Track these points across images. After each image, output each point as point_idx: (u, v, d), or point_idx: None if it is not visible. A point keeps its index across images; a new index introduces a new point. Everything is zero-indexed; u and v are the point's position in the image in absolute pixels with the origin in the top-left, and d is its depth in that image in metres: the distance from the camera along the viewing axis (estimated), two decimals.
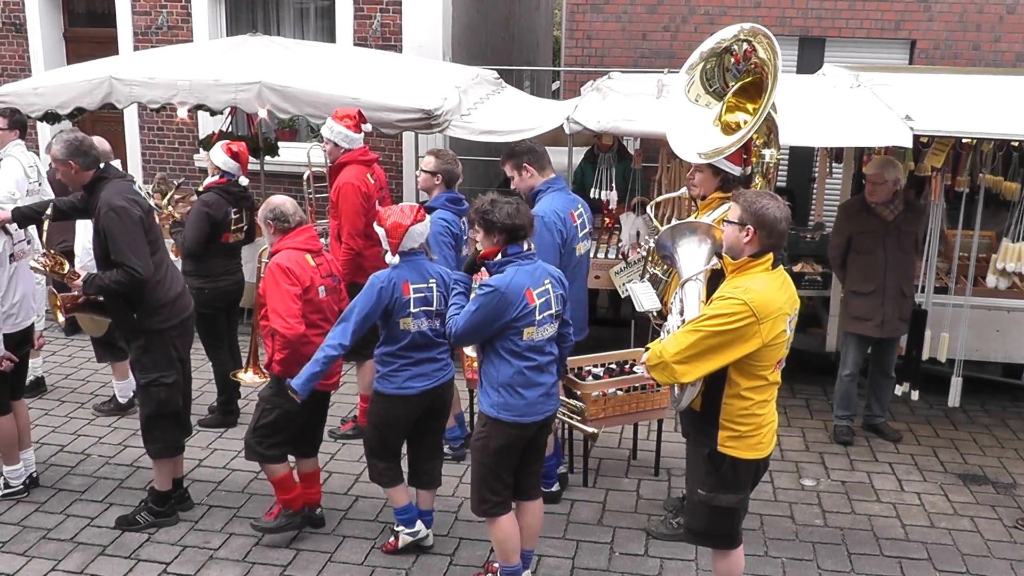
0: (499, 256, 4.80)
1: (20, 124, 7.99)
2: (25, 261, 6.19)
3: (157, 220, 5.95)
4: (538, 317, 4.74)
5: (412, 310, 5.18)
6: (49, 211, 6.12)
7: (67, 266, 5.97)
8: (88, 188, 5.75)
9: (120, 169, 6.00)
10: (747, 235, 4.32)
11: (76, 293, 6.04)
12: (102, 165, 5.78)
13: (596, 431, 5.48)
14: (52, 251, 6.24)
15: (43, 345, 7.02)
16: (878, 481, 6.72)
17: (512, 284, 4.67)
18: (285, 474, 5.71)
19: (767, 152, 5.68)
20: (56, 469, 6.80)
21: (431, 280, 5.26)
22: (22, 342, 6.28)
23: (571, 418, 5.95)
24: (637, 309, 5.53)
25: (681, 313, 4.62)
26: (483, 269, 4.89)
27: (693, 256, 4.74)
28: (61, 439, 7.30)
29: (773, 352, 4.35)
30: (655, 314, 5.35)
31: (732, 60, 5.67)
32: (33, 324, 6.37)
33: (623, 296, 8.19)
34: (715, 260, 4.64)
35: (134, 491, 6.47)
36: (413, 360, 5.28)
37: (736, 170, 5.61)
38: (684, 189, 5.88)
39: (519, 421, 4.84)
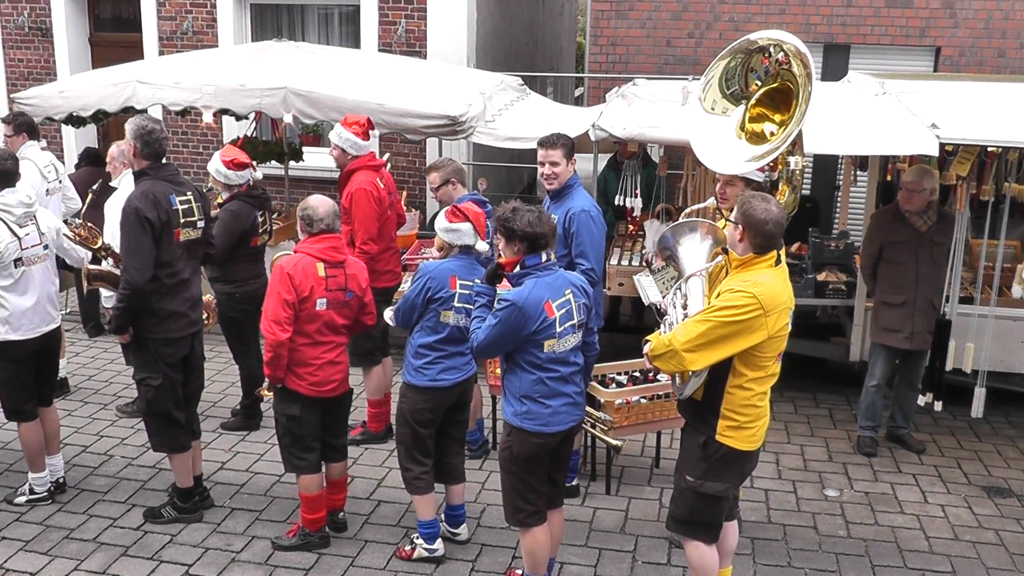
0: (518, 267, 4.80)
1: (26, 126, 8.05)
2: (40, 266, 6.13)
3: (185, 235, 5.91)
4: (559, 329, 4.73)
5: (456, 304, 5.30)
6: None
7: (100, 240, 5.98)
8: (136, 177, 5.85)
9: (176, 172, 5.99)
10: (739, 235, 4.52)
11: (102, 267, 6.15)
12: (163, 162, 5.85)
13: (620, 443, 5.45)
14: (88, 223, 6.25)
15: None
16: (902, 492, 6.67)
17: (530, 298, 4.65)
18: (317, 494, 5.74)
19: (792, 159, 5.66)
20: (79, 470, 6.84)
21: (476, 279, 5.34)
22: (44, 348, 6.28)
23: (594, 428, 5.94)
24: (644, 301, 5.56)
25: (684, 307, 4.74)
26: (504, 279, 4.90)
27: (695, 253, 4.89)
28: (84, 440, 7.34)
29: (776, 344, 4.53)
30: (659, 307, 5.37)
31: (762, 62, 5.63)
32: (55, 330, 6.34)
33: (646, 304, 8.17)
34: (720, 257, 4.78)
35: (157, 492, 6.50)
36: (447, 353, 5.41)
37: (760, 177, 5.60)
38: (712, 199, 5.85)
39: (542, 430, 4.83)
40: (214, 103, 8.56)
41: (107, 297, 6.13)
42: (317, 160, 11.44)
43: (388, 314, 5.71)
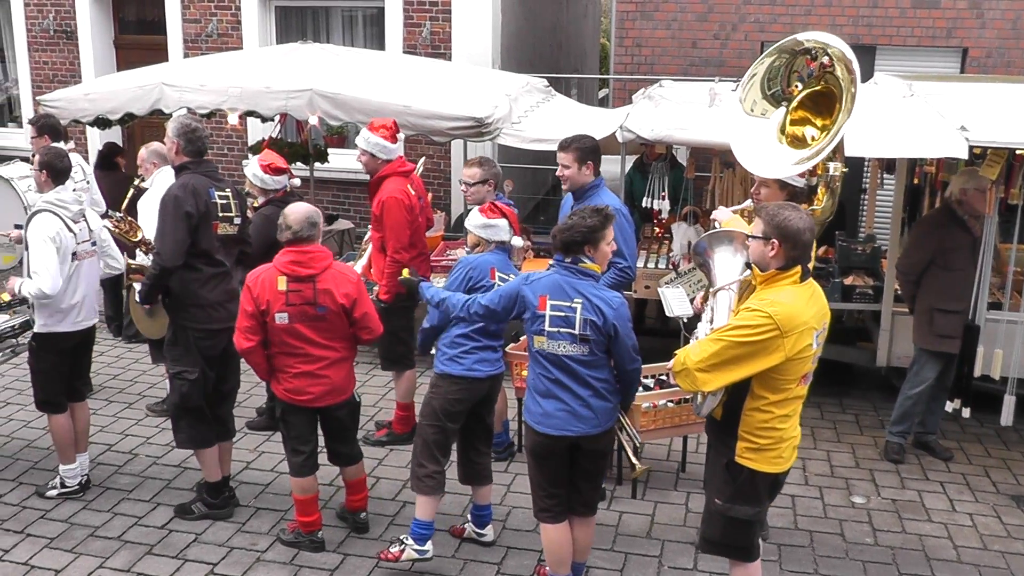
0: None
1: (50, 129, 8.09)
2: (90, 261, 6.26)
3: (223, 229, 5.98)
4: (548, 328, 4.70)
5: None
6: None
7: (140, 233, 6.02)
8: (176, 171, 5.95)
9: (216, 169, 6.09)
10: (772, 249, 4.31)
11: (140, 262, 6.25)
12: (204, 159, 5.93)
13: (641, 467, 5.36)
14: (128, 217, 6.30)
15: None
16: (929, 500, 6.60)
17: (532, 283, 4.79)
18: (308, 497, 5.71)
19: (832, 165, 5.63)
20: (104, 468, 6.87)
21: (510, 274, 5.44)
22: (83, 342, 6.40)
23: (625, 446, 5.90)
24: (667, 314, 5.52)
25: (711, 321, 4.62)
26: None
27: (727, 265, 4.74)
28: (109, 438, 7.37)
29: (798, 366, 4.32)
30: (684, 321, 5.32)
31: (805, 63, 5.59)
32: (95, 325, 6.46)
33: (669, 316, 8.14)
34: (747, 271, 4.62)
35: (181, 491, 6.52)
36: (482, 344, 5.46)
37: (799, 182, 5.56)
38: (749, 201, 5.82)
39: (534, 427, 4.86)
40: (240, 105, 8.60)
41: (138, 292, 6.17)
42: (342, 162, 11.47)
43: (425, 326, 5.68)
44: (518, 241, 5.53)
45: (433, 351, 5.74)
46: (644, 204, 9.02)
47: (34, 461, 6.97)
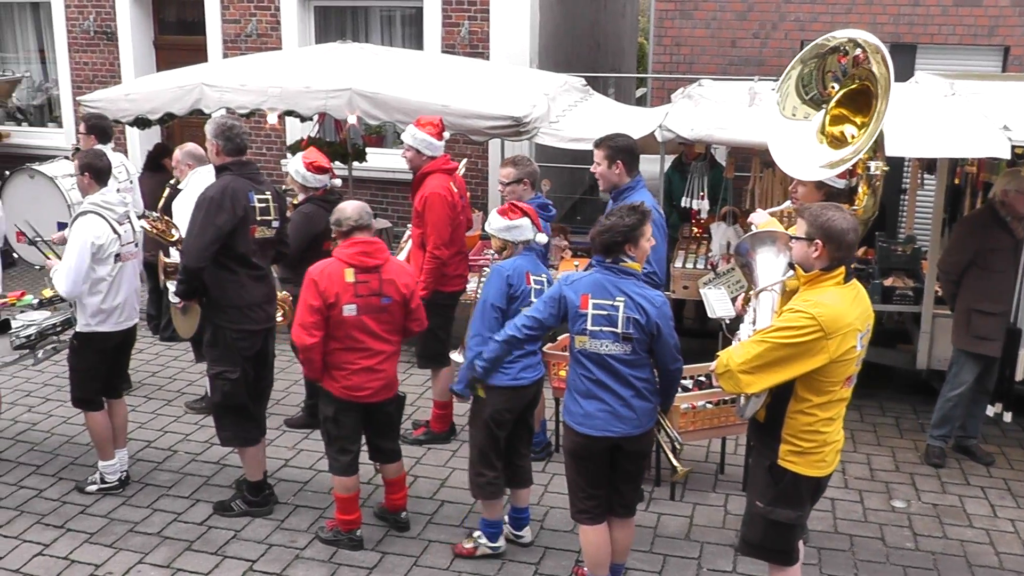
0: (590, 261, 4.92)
1: (97, 129, 8.17)
2: (132, 262, 6.32)
3: (260, 233, 5.99)
4: (590, 327, 4.70)
5: (531, 300, 5.30)
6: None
7: (177, 233, 6.06)
8: (216, 172, 5.96)
9: (257, 171, 6.11)
10: (816, 250, 4.26)
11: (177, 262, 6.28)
12: (244, 159, 5.94)
13: (680, 471, 5.34)
14: (164, 216, 6.35)
15: None
16: (970, 505, 6.52)
17: (572, 284, 4.78)
18: (351, 496, 5.75)
19: (873, 164, 5.57)
20: (143, 464, 6.93)
21: (543, 275, 5.46)
22: (124, 342, 6.47)
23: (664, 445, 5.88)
24: (709, 315, 5.47)
25: (753, 323, 4.57)
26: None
27: (770, 266, 4.70)
28: (148, 435, 7.43)
29: (842, 368, 4.27)
30: (726, 322, 5.28)
31: (840, 61, 5.54)
32: (136, 325, 6.52)
33: (711, 317, 8.10)
34: (791, 272, 4.58)
35: (221, 488, 6.56)
36: (525, 352, 5.41)
37: (840, 183, 5.51)
38: (788, 203, 5.77)
39: (574, 428, 4.85)
40: (280, 105, 8.65)
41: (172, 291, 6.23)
42: (380, 161, 11.51)
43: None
44: (542, 238, 5.51)
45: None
46: (683, 204, 8.97)
47: (74, 457, 7.05)
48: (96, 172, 6.15)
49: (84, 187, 6.21)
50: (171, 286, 6.53)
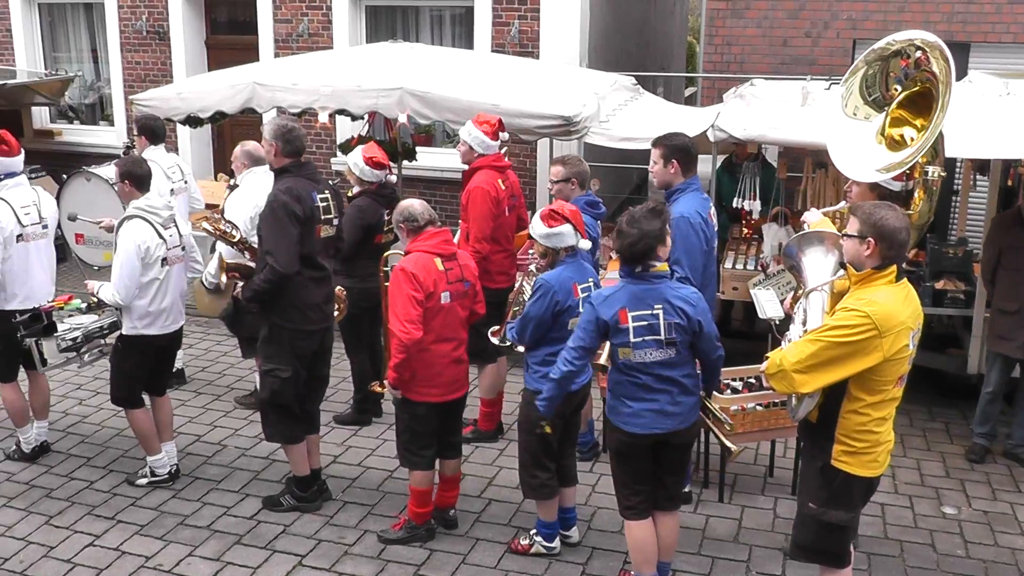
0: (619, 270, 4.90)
1: (147, 130, 8.26)
2: (178, 266, 6.37)
3: (324, 232, 6.03)
4: (633, 339, 4.70)
5: (580, 310, 5.28)
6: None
7: (239, 233, 6.11)
8: (276, 174, 5.97)
9: (315, 171, 6.15)
10: (868, 248, 4.24)
11: (239, 260, 6.36)
12: (302, 160, 5.97)
13: (737, 448, 5.33)
14: (225, 217, 6.41)
15: None
16: (1022, 513, 6.41)
17: (605, 302, 4.75)
18: (427, 488, 5.81)
19: (931, 169, 5.50)
20: (193, 458, 7.01)
21: (590, 279, 5.42)
22: (169, 345, 6.56)
23: (713, 428, 5.85)
24: (759, 315, 5.44)
25: (804, 323, 4.55)
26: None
27: (819, 266, 4.68)
28: (198, 429, 7.52)
29: (895, 367, 4.26)
30: (776, 323, 5.25)
31: (902, 64, 5.48)
32: (182, 328, 6.59)
33: (762, 318, 8.03)
34: (841, 272, 4.57)
35: (270, 483, 6.62)
36: None
37: (896, 186, 5.44)
38: (842, 203, 5.71)
39: (622, 427, 4.87)
40: (331, 104, 8.69)
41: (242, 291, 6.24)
42: (430, 160, 11.54)
43: (508, 335, 5.67)
44: (585, 244, 5.44)
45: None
46: (735, 205, 8.90)
47: (124, 450, 7.15)
48: (136, 179, 6.21)
49: (125, 194, 6.28)
50: (211, 270, 6.56)
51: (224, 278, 6.22)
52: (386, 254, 6.75)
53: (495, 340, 5.94)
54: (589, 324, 4.80)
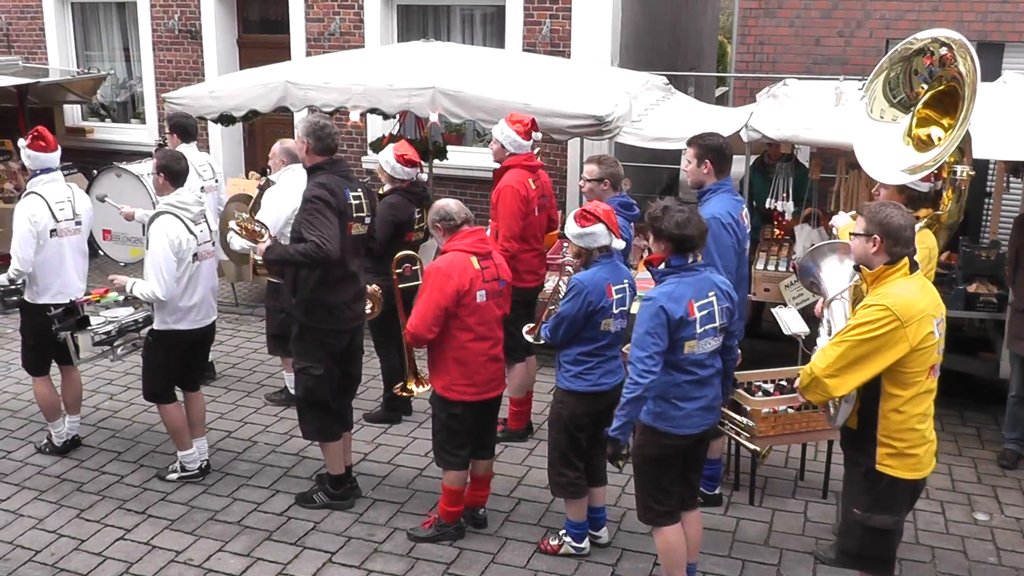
0: (662, 265, 4.80)
1: (178, 128, 8.30)
2: (208, 261, 6.42)
3: (356, 230, 6.02)
4: (699, 330, 4.69)
5: (614, 311, 5.31)
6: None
7: (267, 235, 6.16)
8: (309, 172, 5.98)
9: (348, 168, 6.16)
10: (874, 245, 4.32)
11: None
12: (334, 157, 5.98)
13: (763, 450, 5.34)
14: (256, 219, 6.43)
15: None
16: None
17: (671, 298, 4.66)
18: (460, 488, 5.82)
19: (959, 168, 5.45)
20: (223, 454, 7.04)
21: (625, 280, 5.39)
22: (201, 340, 6.59)
23: (738, 435, 5.83)
24: (784, 332, 5.42)
25: (829, 333, 4.60)
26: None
27: (836, 274, 4.79)
28: (228, 425, 7.56)
29: (924, 356, 4.29)
30: (803, 338, 5.24)
31: (925, 62, 5.43)
32: (214, 322, 6.63)
33: (787, 334, 7.98)
34: (856, 276, 4.61)
35: (300, 479, 6.64)
36: (606, 358, 5.42)
37: (924, 187, 5.41)
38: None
39: (672, 432, 4.82)
40: (363, 103, 8.72)
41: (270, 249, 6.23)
42: (460, 159, 11.57)
43: (542, 333, 5.64)
44: (619, 244, 5.43)
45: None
46: (767, 205, 8.85)
47: (154, 445, 7.20)
48: (172, 174, 6.25)
49: (159, 187, 6.32)
50: (237, 241, 6.56)
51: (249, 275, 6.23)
52: (396, 256, 6.67)
53: (529, 338, 5.93)
54: (660, 327, 4.60)
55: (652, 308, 4.63)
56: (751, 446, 5.15)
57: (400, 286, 6.64)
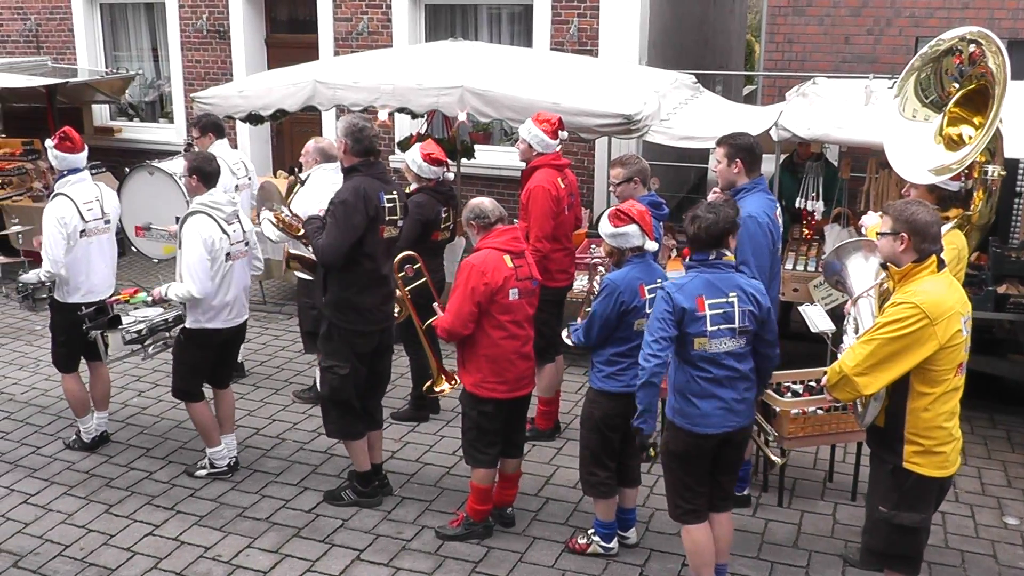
0: (688, 259, 4.86)
1: (212, 126, 8.33)
2: (241, 261, 6.43)
3: (388, 232, 6.02)
4: (710, 328, 4.67)
5: (647, 311, 5.26)
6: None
7: (302, 227, 6.16)
8: (345, 172, 6.00)
9: (385, 171, 6.16)
10: (902, 243, 4.32)
11: (302, 252, 6.47)
12: (371, 159, 5.97)
13: (779, 461, 5.27)
14: (292, 211, 6.46)
15: None
16: None
17: (682, 290, 4.70)
18: (488, 486, 5.83)
19: (991, 168, 5.40)
20: (251, 451, 7.07)
21: (658, 280, 5.36)
22: (232, 339, 6.62)
23: (756, 438, 5.80)
24: (811, 330, 5.40)
25: (856, 331, 4.59)
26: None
27: (862, 272, 4.78)
28: (257, 422, 7.59)
29: (952, 354, 4.28)
30: (830, 336, 5.22)
31: (954, 62, 5.40)
32: (245, 322, 6.66)
33: (814, 332, 7.93)
34: (883, 274, 4.61)
35: (328, 477, 6.66)
36: (637, 359, 5.31)
37: (954, 186, 5.36)
38: None
39: (691, 430, 4.82)
40: (392, 102, 8.74)
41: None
42: (487, 158, 11.58)
43: (571, 338, 5.63)
44: (652, 246, 5.40)
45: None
46: (797, 205, 8.80)
47: (183, 441, 7.24)
48: (204, 175, 6.26)
49: (192, 189, 6.33)
50: (270, 230, 6.64)
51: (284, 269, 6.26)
52: (397, 259, 6.48)
53: (569, 342, 5.92)
54: (666, 314, 4.69)
55: (661, 295, 4.75)
56: (771, 455, 5.09)
57: (406, 288, 6.60)
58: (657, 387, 4.74)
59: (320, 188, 7.00)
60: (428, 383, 6.65)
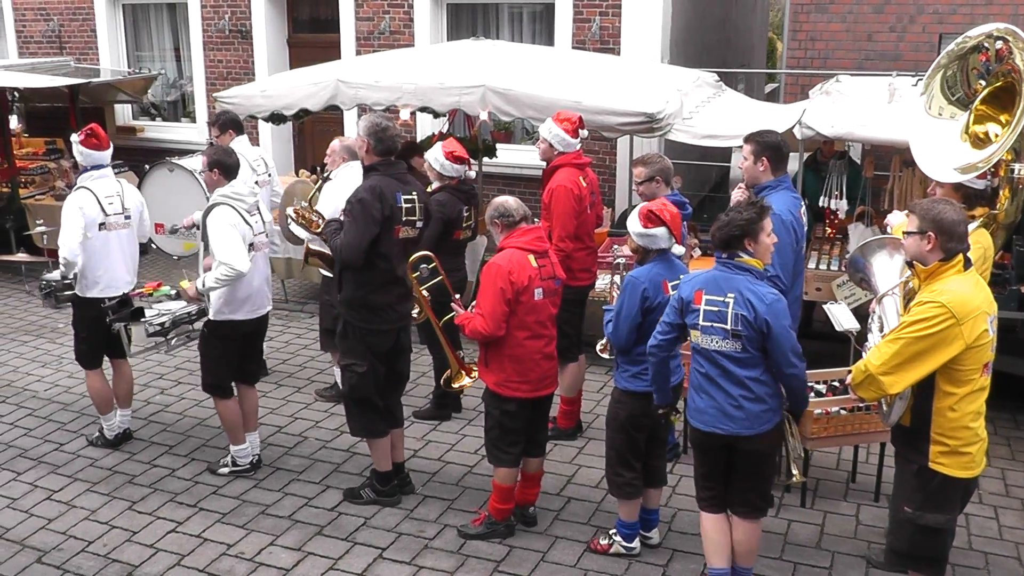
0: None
1: (231, 123, 8.34)
2: (263, 252, 6.47)
3: (404, 233, 6.01)
4: (701, 323, 4.70)
5: None
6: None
7: (322, 223, 6.18)
8: (365, 171, 6.02)
9: (405, 171, 6.15)
10: (928, 242, 4.29)
11: (320, 248, 6.49)
12: (391, 159, 5.99)
13: (796, 479, 5.23)
14: (314, 208, 6.49)
15: None
16: None
17: (689, 282, 4.82)
18: (510, 485, 5.83)
19: (1017, 166, 5.36)
20: (274, 449, 7.09)
21: (680, 276, 5.32)
22: (255, 330, 6.64)
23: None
24: (836, 329, 5.36)
25: (881, 330, 4.58)
26: None
27: (887, 270, 4.76)
28: (279, 420, 7.61)
29: (978, 354, 4.26)
30: (854, 334, 5.18)
31: (981, 59, 5.36)
32: (268, 313, 6.68)
33: (838, 331, 7.87)
34: (908, 272, 4.59)
35: (350, 475, 6.68)
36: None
37: (979, 184, 5.33)
38: None
39: (690, 422, 4.89)
40: (414, 101, 8.75)
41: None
42: (509, 157, 11.58)
43: (607, 334, 5.60)
44: (679, 249, 5.37)
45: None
46: (820, 203, 8.75)
47: (205, 439, 7.27)
48: (225, 168, 6.28)
49: (212, 183, 6.33)
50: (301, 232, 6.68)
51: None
52: (411, 259, 6.34)
53: (604, 355, 5.90)
54: (673, 300, 4.88)
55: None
56: (793, 469, 5.02)
57: (422, 288, 6.54)
58: (662, 368, 4.94)
59: (348, 185, 7.00)
60: (446, 374, 6.64)
